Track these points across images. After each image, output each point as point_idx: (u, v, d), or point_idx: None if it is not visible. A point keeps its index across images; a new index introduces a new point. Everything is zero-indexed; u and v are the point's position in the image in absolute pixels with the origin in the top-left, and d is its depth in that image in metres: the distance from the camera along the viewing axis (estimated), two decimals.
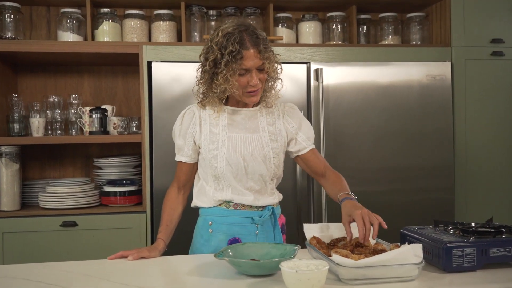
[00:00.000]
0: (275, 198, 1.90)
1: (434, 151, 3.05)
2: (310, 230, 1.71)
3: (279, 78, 1.91)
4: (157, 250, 1.77)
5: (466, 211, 3.09)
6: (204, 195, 1.87)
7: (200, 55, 1.84)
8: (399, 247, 1.51)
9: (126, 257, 1.73)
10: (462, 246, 1.47)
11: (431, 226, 1.72)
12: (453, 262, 1.47)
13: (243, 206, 1.84)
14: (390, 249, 1.52)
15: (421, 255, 1.40)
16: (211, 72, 1.79)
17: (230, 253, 1.56)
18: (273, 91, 1.89)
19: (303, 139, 1.94)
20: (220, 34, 1.75)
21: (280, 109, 1.95)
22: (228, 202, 1.83)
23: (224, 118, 1.86)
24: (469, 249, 1.48)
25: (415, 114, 3.03)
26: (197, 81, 1.86)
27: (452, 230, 1.64)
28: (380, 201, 2.98)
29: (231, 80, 1.76)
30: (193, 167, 1.91)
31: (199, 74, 1.85)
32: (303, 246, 1.67)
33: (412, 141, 3.03)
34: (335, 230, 1.74)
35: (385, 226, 1.59)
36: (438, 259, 1.49)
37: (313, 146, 1.97)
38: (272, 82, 1.89)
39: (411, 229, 1.69)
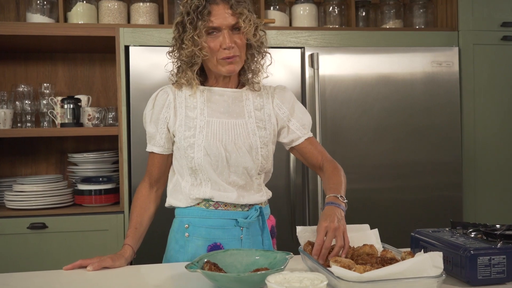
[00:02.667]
0: (262, 195, 1.62)
1: (440, 144, 2.78)
2: (305, 234, 1.44)
3: (267, 52, 1.64)
4: (123, 258, 1.50)
5: (475, 209, 2.83)
6: (180, 193, 1.59)
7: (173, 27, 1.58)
8: (412, 254, 1.25)
9: (85, 267, 1.46)
10: (490, 254, 1.21)
11: (447, 229, 1.46)
12: (479, 273, 1.20)
13: (225, 206, 1.56)
14: (402, 258, 1.25)
15: (442, 265, 1.13)
16: (181, 39, 1.54)
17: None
18: (259, 70, 1.63)
19: (297, 127, 1.67)
20: None
21: (270, 91, 1.68)
22: (207, 200, 1.56)
23: (203, 100, 1.59)
24: (498, 257, 1.21)
25: (420, 103, 2.77)
26: (168, 54, 1.60)
27: (473, 233, 1.38)
28: (381, 199, 2.72)
29: (199, 41, 1.51)
30: (167, 160, 1.64)
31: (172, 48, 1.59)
32: (297, 252, 1.41)
33: (416, 133, 2.77)
34: None
35: (344, 255, 1.35)
36: (460, 269, 1.23)
37: (310, 135, 1.70)
38: (257, 56, 1.62)
39: (425, 233, 1.42)
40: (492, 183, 2.87)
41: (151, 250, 1.81)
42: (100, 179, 2.72)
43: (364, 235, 1.44)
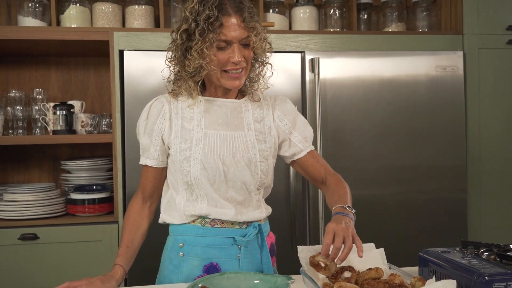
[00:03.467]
0: (262, 212, 1.54)
1: (445, 149, 2.70)
2: (306, 254, 1.36)
3: (269, 63, 1.56)
4: (114, 279, 1.41)
5: (481, 214, 2.75)
6: (174, 209, 1.51)
7: (172, 31, 1.49)
8: (423, 281, 1.16)
9: None
10: (506, 280, 1.13)
11: (457, 249, 1.37)
12: None
13: (222, 223, 1.48)
14: (412, 284, 1.17)
15: None
16: (184, 47, 1.46)
17: None
18: (261, 80, 1.55)
19: (299, 140, 1.59)
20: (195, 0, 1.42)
21: (270, 103, 1.60)
22: (203, 217, 1.47)
23: (200, 111, 1.51)
24: None
25: (423, 109, 2.69)
26: (167, 61, 1.51)
27: (486, 254, 1.30)
28: (384, 205, 2.64)
29: (208, 53, 1.42)
30: (161, 173, 1.55)
31: (169, 53, 1.50)
32: (297, 268, 1.32)
33: (419, 139, 2.68)
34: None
35: (361, 255, 1.26)
36: None
37: (312, 148, 1.62)
38: (260, 68, 1.55)
39: (434, 253, 1.34)
40: (497, 187, 2.79)
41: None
42: (94, 187, 2.64)
43: (369, 256, 1.36)
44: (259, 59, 1.55)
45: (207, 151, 1.46)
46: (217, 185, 1.46)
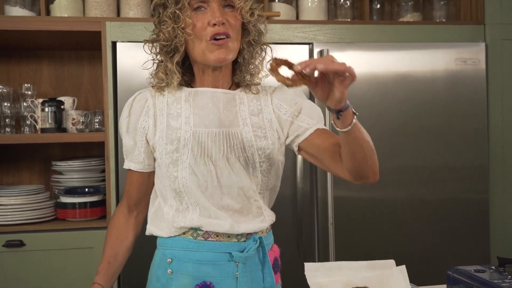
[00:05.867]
0: (263, 220, 1.33)
1: (465, 149, 2.49)
2: (314, 273, 1.16)
3: (267, 44, 1.36)
4: None
5: (503, 216, 2.55)
6: (162, 220, 1.31)
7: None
8: None
9: None
10: None
11: (493, 267, 1.17)
12: None
13: (217, 236, 1.28)
14: None
15: None
16: (159, 20, 1.29)
17: None
18: (258, 68, 1.35)
19: (303, 119, 1.33)
20: None
21: (268, 92, 1.39)
22: (195, 230, 1.28)
23: (188, 106, 1.31)
24: None
25: (442, 105, 2.48)
26: (145, 45, 1.33)
27: None
28: (400, 208, 2.44)
29: (182, 17, 1.24)
30: (148, 178, 1.36)
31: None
32: (305, 281, 1.13)
33: (437, 138, 2.47)
34: (350, 273, 1.18)
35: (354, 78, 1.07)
36: None
37: (320, 126, 1.34)
38: (256, 48, 1.34)
39: (465, 273, 1.14)
40: None
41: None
42: (86, 189, 2.46)
43: (389, 275, 1.16)
44: (254, 35, 1.34)
45: (197, 153, 1.26)
46: (209, 192, 1.27)
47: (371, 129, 2.35)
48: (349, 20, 2.66)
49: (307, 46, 2.40)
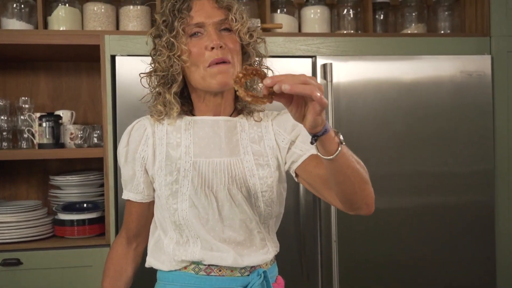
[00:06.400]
0: (267, 252, 1.28)
1: (470, 161, 2.45)
2: None
3: (269, 68, 1.32)
4: None
5: (509, 226, 2.50)
6: (163, 252, 1.26)
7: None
8: None
9: None
10: None
11: None
12: None
13: (219, 270, 1.23)
14: None
15: None
16: (155, 53, 1.25)
17: None
18: (260, 90, 1.29)
19: (298, 146, 1.28)
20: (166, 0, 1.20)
21: (270, 117, 1.34)
22: (197, 264, 1.23)
23: (188, 135, 1.26)
24: None
25: (447, 118, 2.43)
26: (141, 74, 1.29)
27: None
28: (405, 217, 2.40)
29: (177, 44, 1.19)
30: (148, 209, 1.31)
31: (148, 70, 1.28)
32: None
33: (443, 151, 2.43)
34: None
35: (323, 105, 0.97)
36: None
37: (315, 151, 1.23)
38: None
39: None
40: None
41: None
42: (85, 205, 2.41)
43: None
44: (253, 57, 1.29)
45: (197, 185, 1.21)
46: (210, 225, 1.22)
47: (375, 144, 2.35)
48: (352, 32, 2.61)
49: (310, 59, 2.36)
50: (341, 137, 1.06)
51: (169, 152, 1.25)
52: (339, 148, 1.05)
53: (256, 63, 1.31)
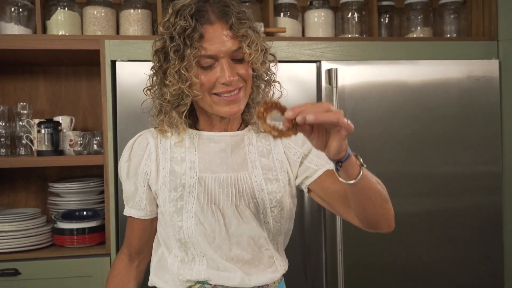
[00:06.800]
0: (276, 271, 1.24)
1: (478, 167, 2.41)
2: None
3: (276, 81, 1.26)
4: None
5: None
6: (166, 271, 1.21)
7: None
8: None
9: None
10: None
11: None
12: None
13: None
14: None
15: None
16: (162, 71, 1.16)
17: None
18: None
19: (312, 160, 1.24)
20: (171, 11, 1.13)
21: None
22: (203, 283, 1.18)
23: (193, 150, 1.21)
24: None
25: (454, 123, 2.39)
26: (145, 90, 1.22)
27: None
28: (413, 221, 2.35)
29: (187, 75, 1.12)
30: (151, 225, 1.26)
31: (149, 81, 1.22)
32: None
33: (450, 157, 2.38)
34: None
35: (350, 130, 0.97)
36: None
37: (330, 167, 1.23)
38: (266, 89, 1.24)
39: None
40: None
41: None
42: (85, 213, 2.36)
43: None
44: (264, 78, 1.24)
45: (203, 201, 1.17)
46: (217, 243, 1.17)
47: (381, 151, 2.30)
48: (357, 36, 2.56)
49: (314, 64, 2.31)
50: (361, 160, 1.04)
51: (173, 167, 1.20)
52: (361, 172, 1.03)
53: (267, 80, 1.25)
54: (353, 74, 2.31)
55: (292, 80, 2.26)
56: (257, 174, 1.22)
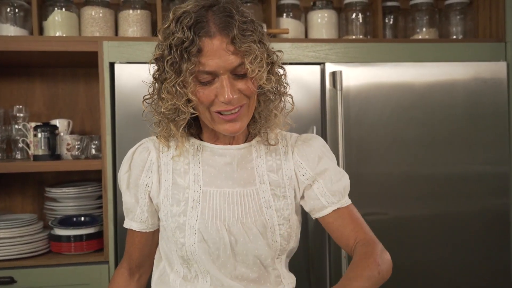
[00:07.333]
0: None
1: (485, 169, 2.35)
2: None
3: (287, 94, 1.17)
4: None
5: None
6: (168, 287, 1.15)
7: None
8: None
9: None
10: None
11: None
12: None
13: None
14: None
15: None
16: (160, 81, 1.09)
17: None
18: (276, 116, 1.16)
19: (322, 192, 1.18)
20: (171, 16, 1.06)
21: (290, 143, 1.22)
22: None
23: (197, 161, 1.15)
24: None
25: (461, 125, 2.33)
26: (144, 99, 1.16)
27: None
28: (418, 224, 2.30)
29: (183, 92, 1.03)
30: (152, 238, 1.20)
31: (151, 89, 1.15)
32: None
33: (457, 161, 2.33)
34: None
35: None
36: None
37: (341, 205, 1.19)
38: (274, 99, 1.15)
39: None
40: None
41: None
42: (82, 219, 2.30)
43: None
44: (273, 91, 1.14)
45: (207, 217, 1.10)
46: (222, 261, 1.10)
47: (386, 156, 2.25)
48: (361, 37, 2.51)
49: (318, 67, 2.25)
50: None
51: (176, 180, 1.14)
52: None
53: (275, 93, 1.17)
54: (358, 76, 2.26)
55: (296, 82, 2.15)
56: (265, 189, 1.15)
